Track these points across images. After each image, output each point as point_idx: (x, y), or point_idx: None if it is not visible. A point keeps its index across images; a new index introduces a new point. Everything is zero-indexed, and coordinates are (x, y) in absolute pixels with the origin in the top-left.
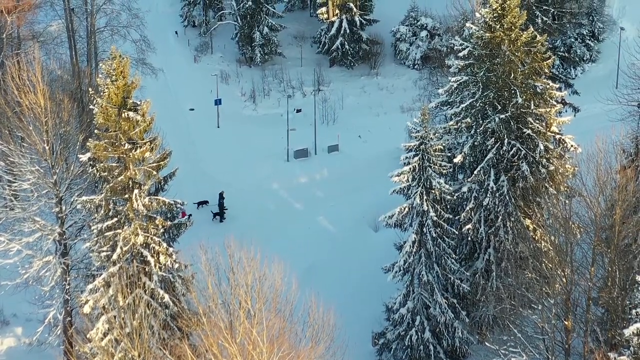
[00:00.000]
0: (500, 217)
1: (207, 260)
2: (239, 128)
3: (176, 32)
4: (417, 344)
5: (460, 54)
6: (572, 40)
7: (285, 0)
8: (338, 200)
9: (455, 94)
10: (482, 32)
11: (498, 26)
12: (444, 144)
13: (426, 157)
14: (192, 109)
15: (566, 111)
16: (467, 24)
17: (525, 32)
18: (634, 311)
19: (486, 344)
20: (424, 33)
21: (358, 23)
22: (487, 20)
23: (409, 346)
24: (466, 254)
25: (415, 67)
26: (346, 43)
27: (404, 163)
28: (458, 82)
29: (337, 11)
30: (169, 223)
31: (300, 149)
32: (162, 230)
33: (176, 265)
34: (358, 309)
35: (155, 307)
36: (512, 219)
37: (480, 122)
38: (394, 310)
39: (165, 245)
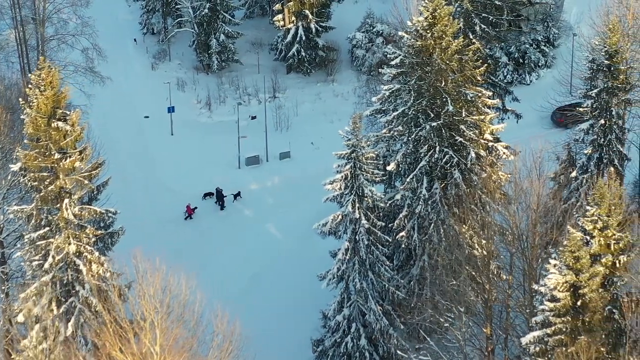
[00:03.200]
0: (433, 224)
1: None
2: (194, 135)
3: (135, 40)
4: (353, 351)
5: (393, 62)
6: (527, 46)
7: (244, 8)
8: (288, 207)
9: (389, 102)
10: (413, 40)
11: (429, 35)
12: (377, 152)
13: (358, 165)
14: (147, 117)
15: (508, 118)
16: (400, 33)
17: (456, 41)
18: (534, 319)
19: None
20: (379, 40)
21: (314, 30)
22: (418, 28)
23: (345, 353)
24: (402, 261)
25: (372, 73)
26: (302, 50)
27: (337, 171)
28: (390, 90)
29: (293, 18)
30: (100, 232)
31: (251, 156)
32: (94, 239)
33: (107, 274)
34: (301, 315)
35: (88, 315)
36: (445, 226)
37: (413, 129)
38: (330, 317)
39: (97, 254)
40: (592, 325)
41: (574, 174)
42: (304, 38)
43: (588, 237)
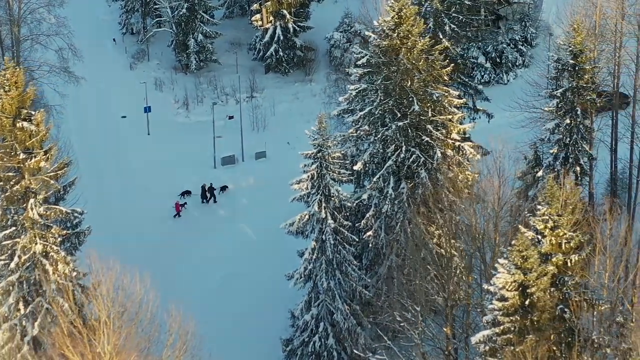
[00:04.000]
0: (399, 224)
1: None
2: (170, 135)
3: (114, 40)
4: (321, 350)
5: (359, 62)
6: (504, 46)
7: (223, 7)
8: (262, 206)
9: (356, 101)
10: (379, 40)
11: (395, 34)
12: (344, 152)
13: (324, 165)
14: (124, 117)
15: (480, 117)
16: (367, 33)
17: (422, 40)
18: (484, 318)
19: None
20: (357, 39)
21: (292, 30)
22: (385, 28)
23: (314, 352)
24: (371, 261)
25: (340, 73)
26: (280, 50)
27: (303, 171)
28: (357, 90)
29: (271, 18)
30: (66, 232)
31: (227, 156)
32: (60, 239)
33: (74, 274)
34: (272, 315)
35: (55, 314)
36: (412, 226)
37: (380, 129)
38: (298, 317)
39: (63, 253)
40: (541, 324)
41: (540, 173)
42: (281, 38)
43: (540, 237)
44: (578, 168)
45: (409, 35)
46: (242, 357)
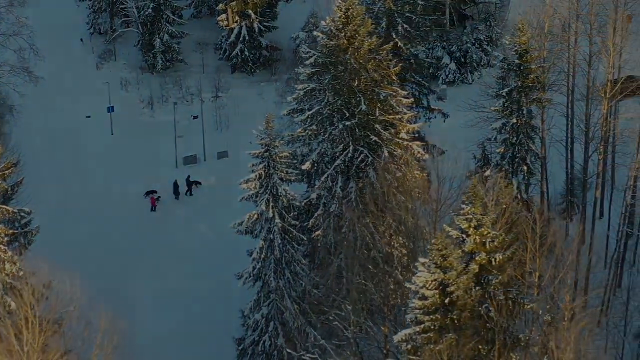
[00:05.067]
0: (348, 223)
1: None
2: (134, 134)
3: (81, 40)
4: (270, 350)
5: (307, 62)
6: (469, 45)
7: (189, 7)
8: (222, 206)
9: (305, 101)
10: (327, 40)
11: (342, 34)
12: (294, 151)
13: (272, 164)
14: (89, 116)
15: (435, 117)
16: (314, 32)
17: (369, 40)
18: (406, 317)
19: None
20: (309, 40)
21: (257, 30)
22: (332, 28)
23: (264, 351)
24: (321, 260)
25: (290, 72)
26: (246, 50)
27: (251, 170)
28: (305, 90)
29: (237, 18)
30: (12, 231)
31: (189, 156)
32: (7, 239)
33: (21, 273)
34: (227, 314)
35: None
36: (360, 225)
37: (328, 128)
38: (248, 316)
39: (10, 252)
40: (461, 323)
41: (487, 172)
42: (247, 38)
43: (464, 236)
44: (525, 167)
45: (356, 35)
46: (197, 357)
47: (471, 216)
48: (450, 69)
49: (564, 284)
